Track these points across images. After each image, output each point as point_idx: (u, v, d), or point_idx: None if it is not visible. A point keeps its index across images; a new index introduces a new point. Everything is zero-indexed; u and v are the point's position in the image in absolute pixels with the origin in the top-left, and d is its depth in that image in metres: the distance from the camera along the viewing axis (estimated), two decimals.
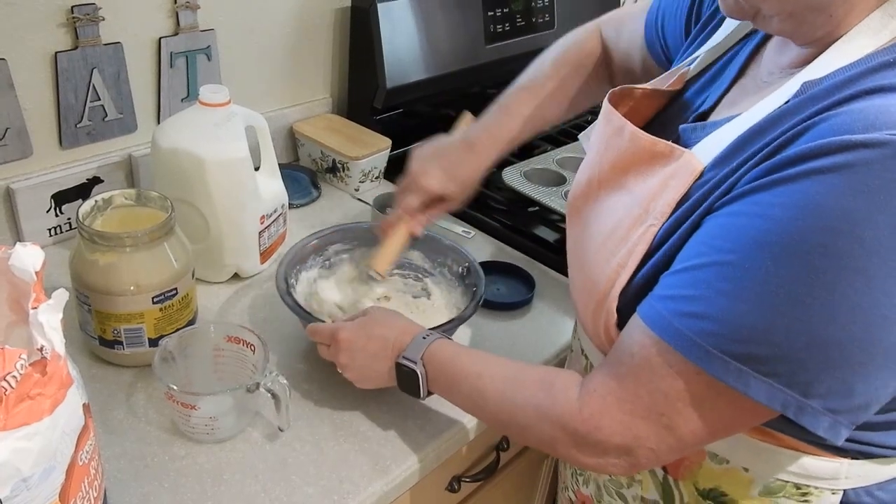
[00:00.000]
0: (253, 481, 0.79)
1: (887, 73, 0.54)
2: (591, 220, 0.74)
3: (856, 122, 0.51)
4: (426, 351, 0.78)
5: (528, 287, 1.12)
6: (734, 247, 0.55)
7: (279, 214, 1.10)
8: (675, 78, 0.79)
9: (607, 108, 0.75)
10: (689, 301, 0.57)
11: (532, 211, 1.29)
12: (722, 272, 0.56)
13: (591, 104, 1.02)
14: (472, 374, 0.74)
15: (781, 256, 0.52)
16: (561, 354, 1.03)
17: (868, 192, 0.49)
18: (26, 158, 1.06)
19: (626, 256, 0.66)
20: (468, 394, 0.75)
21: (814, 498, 0.68)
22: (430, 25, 1.38)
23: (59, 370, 0.56)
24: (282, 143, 1.38)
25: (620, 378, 0.62)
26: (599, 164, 0.74)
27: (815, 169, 0.51)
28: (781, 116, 0.58)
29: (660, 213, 0.64)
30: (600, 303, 0.68)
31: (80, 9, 1.02)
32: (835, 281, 0.51)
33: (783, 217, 0.52)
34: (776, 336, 0.53)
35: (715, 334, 0.56)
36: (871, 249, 0.50)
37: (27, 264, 0.58)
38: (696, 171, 0.62)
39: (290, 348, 0.97)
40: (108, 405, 0.86)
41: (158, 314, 0.87)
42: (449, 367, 0.76)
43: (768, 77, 0.68)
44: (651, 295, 0.62)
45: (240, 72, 1.26)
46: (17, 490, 0.53)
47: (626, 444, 0.62)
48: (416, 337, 0.79)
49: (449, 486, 0.97)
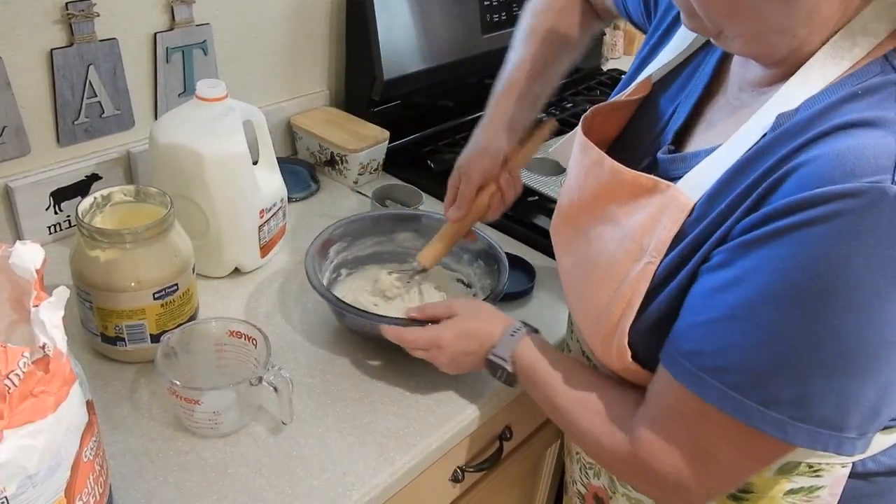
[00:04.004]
0: (257, 475, 0.79)
1: (855, 104, 0.57)
2: (580, 248, 0.76)
3: (835, 168, 0.54)
4: (515, 350, 0.80)
5: (529, 277, 1.12)
6: (740, 301, 0.58)
7: (278, 208, 1.10)
8: (638, 85, 0.80)
9: (582, 140, 0.77)
10: (711, 356, 0.61)
11: (531, 200, 1.29)
12: (735, 326, 0.59)
13: (590, 36, 1.03)
14: (546, 383, 0.77)
15: (785, 306, 0.56)
16: (562, 344, 1.03)
17: (856, 237, 0.53)
18: (24, 156, 1.05)
19: (630, 294, 0.68)
20: (543, 401, 0.79)
21: (825, 473, 0.70)
22: (426, 16, 1.38)
23: (61, 368, 0.56)
24: (280, 136, 1.37)
25: (660, 425, 0.66)
26: (579, 192, 0.77)
27: (804, 221, 0.55)
28: (761, 153, 0.60)
29: (655, 250, 0.66)
30: (609, 336, 0.70)
31: (74, 5, 1.02)
32: (840, 320, 0.55)
33: (781, 269, 0.56)
34: (797, 378, 0.57)
35: (742, 384, 0.59)
36: (867, 287, 0.53)
37: (27, 262, 0.58)
38: (686, 208, 0.65)
39: (292, 341, 0.97)
40: (111, 402, 0.86)
41: (160, 310, 0.87)
42: (530, 372, 0.79)
43: (739, 94, 0.70)
44: (673, 349, 0.64)
45: (236, 66, 1.26)
46: (23, 487, 0.53)
47: (679, 483, 0.66)
48: (505, 333, 0.82)
49: (452, 476, 0.97)
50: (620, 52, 2.04)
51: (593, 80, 1.80)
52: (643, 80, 0.80)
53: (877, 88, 0.56)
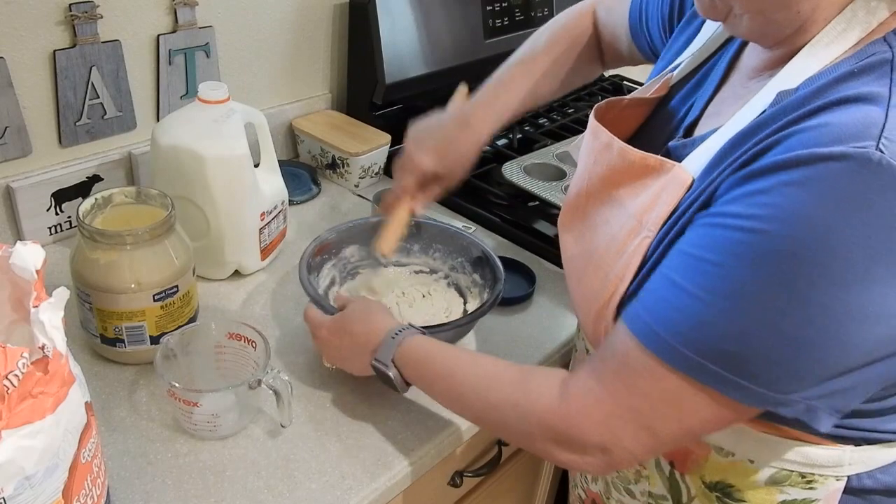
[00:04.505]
0: (255, 478, 0.79)
1: (851, 82, 0.56)
2: (584, 233, 0.76)
3: (823, 136, 0.54)
4: (396, 352, 0.78)
5: (529, 282, 1.12)
6: (711, 256, 0.58)
7: (279, 211, 1.10)
8: (659, 84, 0.80)
9: (594, 124, 0.76)
10: (669, 307, 0.60)
11: (532, 206, 1.29)
12: (700, 281, 0.58)
13: (583, 82, 1.04)
14: (445, 374, 0.75)
15: (755, 265, 0.55)
16: (562, 349, 1.03)
17: (835, 202, 0.52)
18: (26, 157, 1.06)
19: (624, 269, 0.67)
20: (444, 392, 0.76)
21: (818, 485, 0.69)
22: (428, 20, 1.38)
23: (60, 368, 0.56)
24: (281, 139, 1.38)
25: (601, 378, 0.64)
26: (589, 179, 0.76)
27: (786, 181, 0.54)
28: (758, 126, 0.60)
29: (653, 224, 0.66)
30: (600, 312, 0.70)
31: (77, 7, 1.02)
32: (807, 286, 0.53)
33: (757, 228, 0.55)
34: (752, 340, 0.56)
35: (693, 339, 0.58)
36: (839, 255, 0.52)
37: (28, 263, 0.58)
38: (686, 183, 0.65)
39: (292, 345, 0.97)
40: (110, 403, 0.86)
41: (160, 312, 0.87)
42: (421, 367, 0.77)
43: (746, 83, 0.70)
44: (635, 299, 0.64)
45: (239, 68, 1.26)
46: (21, 488, 0.53)
47: (604, 443, 0.63)
48: (386, 337, 0.79)
49: (451, 480, 0.97)
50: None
51: (595, 86, 1.80)
52: (662, 81, 0.79)
53: (872, 67, 0.56)
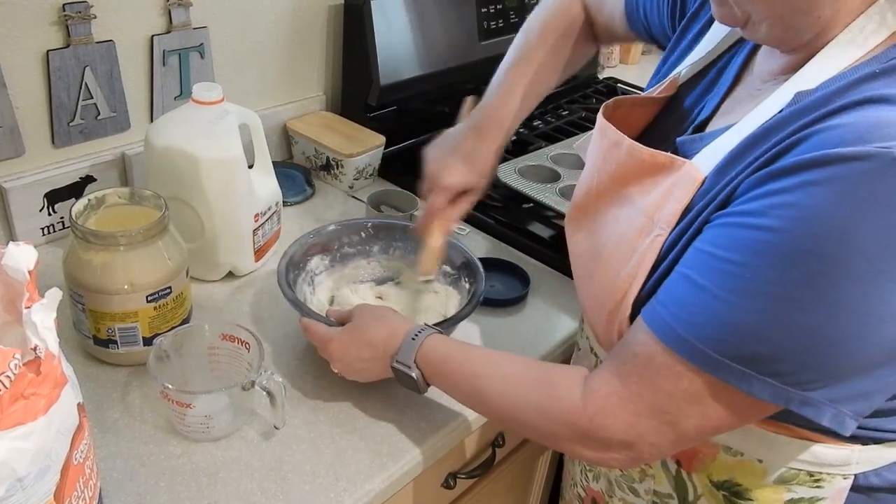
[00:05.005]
0: (249, 479, 0.79)
1: (874, 83, 0.56)
2: (594, 231, 0.75)
3: (847, 135, 0.53)
4: (418, 353, 0.78)
5: (524, 283, 1.12)
6: (733, 256, 0.57)
7: (273, 212, 1.10)
8: (666, 84, 0.80)
9: (602, 122, 0.76)
10: (692, 307, 0.60)
11: (527, 207, 1.29)
12: (721, 280, 0.58)
13: (582, 64, 1.04)
14: (470, 374, 0.75)
15: (778, 264, 0.55)
16: (557, 350, 1.03)
17: (859, 202, 0.52)
18: (19, 157, 1.05)
19: (636, 267, 0.67)
20: (467, 393, 0.76)
21: (826, 484, 0.70)
22: (423, 22, 1.38)
23: (53, 369, 0.55)
24: (276, 140, 1.37)
25: (624, 377, 0.64)
26: (598, 177, 0.76)
27: (808, 181, 0.54)
28: (776, 126, 0.60)
29: (665, 222, 0.66)
30: (613, 312, 0.70)
31: (71, 7, 1.01)
32: (830, 285, 0.53)
33: (780, 227, 0.55)
34: (777, 339, 0.56)
35: (716, 339, 0.58)
36: (863, 255, 0.52)
37: (20, 264, 0.58)
38: (698, 181, 0.64)
39: (285, 346, 0.97)
40: (102, 404, 0.86)
41: (153, 313, 0.87)
42: (443, 368, 0.77)
43: (761, 85, 0.70)
44: (654, 299, 0.64)
45: (233, 69, 1.26)
46: (13, 490, 0.53)
47: (629, 440, 0.64)
48: (406, 338, 0.79)
49: (445, 482, 0.97)
50: (616, 61, 2.05)
51: (589, 88, 1.81)
52: (670, 80, 0.79)
53: (894, 69, 0.56)
